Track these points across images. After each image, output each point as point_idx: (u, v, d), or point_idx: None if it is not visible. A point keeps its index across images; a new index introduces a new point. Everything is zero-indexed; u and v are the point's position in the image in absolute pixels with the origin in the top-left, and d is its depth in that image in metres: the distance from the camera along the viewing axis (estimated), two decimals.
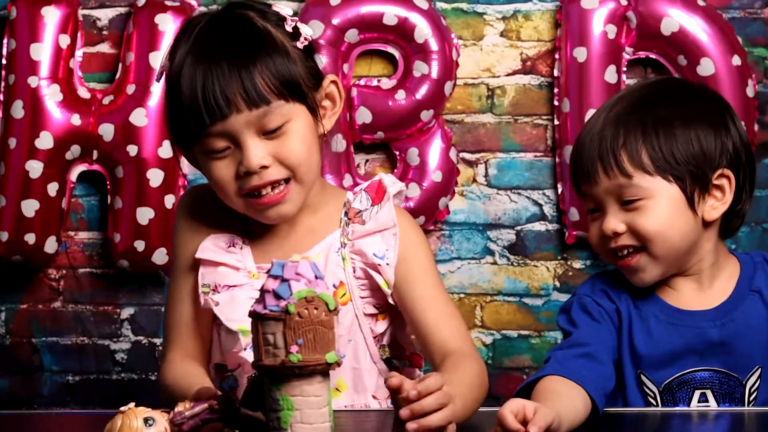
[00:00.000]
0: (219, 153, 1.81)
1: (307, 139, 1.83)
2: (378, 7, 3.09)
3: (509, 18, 3.19)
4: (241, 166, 1.80)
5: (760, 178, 3.17)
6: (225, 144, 1.80)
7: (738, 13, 3.18)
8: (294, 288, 1.44)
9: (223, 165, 1.81)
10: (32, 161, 3.08)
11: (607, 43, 3.09)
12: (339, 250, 1.88)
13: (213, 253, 1.87)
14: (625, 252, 1.85)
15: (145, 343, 3.23)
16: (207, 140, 1.80)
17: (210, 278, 1.87)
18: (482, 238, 3.21)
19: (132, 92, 3.10)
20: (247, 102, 1.78)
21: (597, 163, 1.85)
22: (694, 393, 1.85)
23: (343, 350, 1.86)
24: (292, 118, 1.81)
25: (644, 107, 1.88)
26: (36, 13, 3.10)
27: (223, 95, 1.77)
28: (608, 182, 1.84)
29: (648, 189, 1.83)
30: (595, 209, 1.88)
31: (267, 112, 1.79)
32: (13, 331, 3.23)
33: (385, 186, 1.92)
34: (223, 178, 1.82)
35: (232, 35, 1.82)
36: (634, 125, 1.85)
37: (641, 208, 1.83)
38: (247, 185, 1.81)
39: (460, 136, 3.20)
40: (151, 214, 3.09)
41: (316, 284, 1.46)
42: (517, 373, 3.19)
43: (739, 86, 3.08)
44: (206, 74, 1.78)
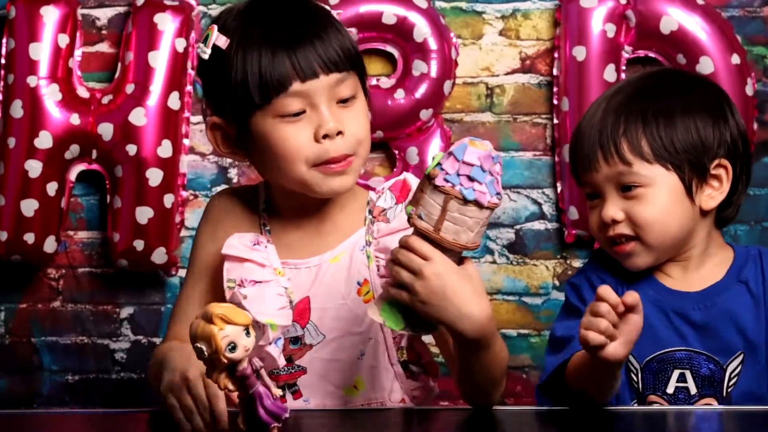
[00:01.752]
0: (295, 116, 1.81)
1: (368, 116, 1.88)
2: (377, 6, 3.09)
3: (508, 17, 3.19)
4: (320, 129, 1.81)
5: (760, 177, 3.17)
6: (302, 106, 1.81)
7: (737, 11, 3.18)
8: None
9: (298, 129, 1.82)
10: (31, 161, 3.08)
11: (606, 41, 3.09)
12: (364, 248, 1.90)
13: (239, 250, 1.89)
14: (622, 240, 1.90)
15: (144, 342, 3.23)
16: (283, 102, 1.80)
17: (236, 273, 1.87)
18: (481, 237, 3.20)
19: (131, 92, 3.09)
20: (329, 66, 1.81)
21: (598, 151, 1.89)
22: (673, 372, 1.88)
23: (363, 348, 1.87)
24: (358, 92, 1.86)
25: (645, 97, 1.92)
26: (35, 12, 3.10)
27: (306, 58, 1.80)
28: (608, 170, 1.88)
29: (647, 177, 1.88)
30: (595, 197, 1.92)
31: (343, 80, 1.83)
32: (12, 330, 3.23)
33: (410, 185, 1.94)
34: (298, 142, 1.82)
35: (298, 10, 1.86)
36: (635, 114, 1.89)
37: (640, 196, 1.88)
38: (325, 154, 1.82)
39: (460, 135, 3.20)
40: (150, 214, 3.09)
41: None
42: (517, 372, 3.19)
43: (738, 85, 3.08)
44: (285, 42, 1.80)
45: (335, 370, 1.88)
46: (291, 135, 1.82)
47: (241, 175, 3.20)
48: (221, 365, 1.48)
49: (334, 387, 1.88)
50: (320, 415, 1.84)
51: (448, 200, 1.63)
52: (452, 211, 1.63)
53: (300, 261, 1.90)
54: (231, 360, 1.47)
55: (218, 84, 1.85)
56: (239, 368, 1.49)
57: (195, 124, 3.17)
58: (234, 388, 1.50)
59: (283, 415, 1.52)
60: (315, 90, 1.81)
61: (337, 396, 1.89)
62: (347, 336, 1.88)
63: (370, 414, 1.86)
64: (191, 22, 3.13)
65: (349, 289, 1.88)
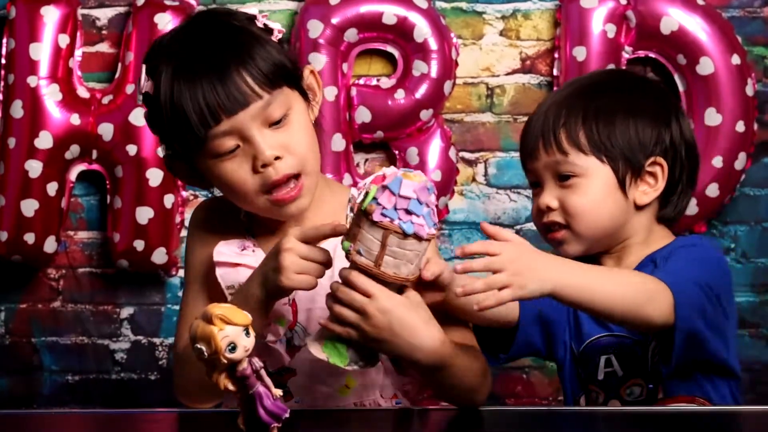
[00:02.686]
0: (229, 153, 1.80)
1: (309, 128, 1.85)
2: (377, 7, 3.09)
3: (509, 17, 3.19)
4: (256, 161, 1.80)
5: (759, 178, 3.17)
6: (234, 143, 1.79)
7: (737, 12, 3.18)
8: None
9: (236, 165, 1.81)
10: (32, 161, 3.08)
11: (606, 42, 3.09)
12: None
13: (229, 256, 1.88)
14: (555, 227, 1.96)
15: (144, 342, 3.23)
16: (215, 143, 1.79)
17: (231, 278, 1.87)
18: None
19: (131, 92, 3.10)
20: (250, 95, 1.77)
21: (539, 140, 1.96)
22: (600, 359, 1.93)
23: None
24: (292, 107, 1.82)
25: (590, 94, 1.98)
26: (35, 12, 3.10)
27: (226, 92, 1.77)
28: (547, 158, 1.95)
29: (582, 167, 1.93)
30: (536, 185, 1.99)
31: (270, 102, 1.79)
32: (12, 330, 3.23)
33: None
34: (240, 177, 1.81)
35: (214, 38, 1.81)
36: (578, 108, 1.96)
37: (574, 186, 1.94)
38: (267, 181, 1.80)
39: (460, 136, 3.20)
40: (150, 214, 3.09)
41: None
42: (517, 373, 3.19)
43: (739, 85, 3.08)
44: (203, 78, 1.77)
45: (325, 371, 1.87)
46: (231, 172, 1.81)
47: None
48: (221, 366, 1.48)
49: (325, 387, 1.88)
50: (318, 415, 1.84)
51: (387, 235, 1.62)
52: (392, 245, 1.62)
53: None
54: (231, 360, 1.47)
55: (156, 126, 1.86)
56: (239, 368, 1.49)
57: None
58: (234, 389, 1.50)
59: (283, 416, 1.52)
60: (242, 123, 1.78)
61: (328, 396, 1.89)
62: None
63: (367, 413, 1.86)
64: None
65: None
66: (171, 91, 1.79)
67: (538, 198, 1.98)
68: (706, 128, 3.09)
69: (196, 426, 1.80)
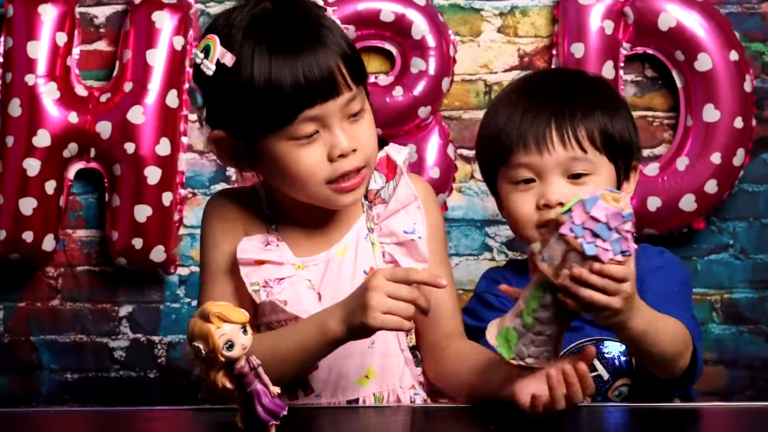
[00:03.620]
0: (308, 138, 1.80)
1: (374, 125, 1.88)
2: (375, 4, 3.09)
3: (506, 14, 3.19)
4: (333, 150, 1.81)
5: (758, 174, 3.17)
6: (314, 128, 1.80)
7: (735, 8, 3.18)
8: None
9: (311, 151, 1.81)
10: (30, 159, 3.08)
11: (604, 38, 3.09)
12: (367, 236, 1.91)
13: (253, 252, 1.87)
14: None
15: (143, 340, 3.23)
16: (300, 126, 1.79)
17: (257, 276, 1.86)
18: (480, 234, 3.21)
19: (129, 90, 3.09)
20: (343, 85, 1.80)
21: (553, 134, 1.92)
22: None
23: (373, 337, 1.87)
24: (365, 103, 1.86)
25: (591, 89, 1.99)
26: (33, 10, 3.09)
27: (323, 78, 1.78)
28: (563, 153, 1.92)
29: (595, 165, 1.93)
30: (530, 180, 1.94)
31: (355, 96, 1.82)
32: (11, 329, 3.23)
33: (394, 159, 1.95)
34: (312, 164, 1.81)
35: (307, 24, 1.82)
36: (587, 103, 1.94)
37: (586, 183, 1.92)
38: (338, 171, 1.81)
39: (458, 133, 3.20)
40: (148, 212, 3.09)
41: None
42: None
43: (737, 81, 3.08)
44: (303, 60, 1.78)
45: (346, 362, 1.88)
46: (305, 157, 1.81)
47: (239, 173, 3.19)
48: (219, 363, 1.48)
49: (345, 379, 1.89)
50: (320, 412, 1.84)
51: (568, 251, 1.61)
52: (572, 261, 1.61)
53: (308, 258, 1.90)
54: (228, 358, 1.47)
55: (225, 102, 1.82)
56: (237, 366, 1.49)
57: (193, 122, 3.17)
58: (232, 387, 1.50)
59: (281, 413, 1.52)
60: (330, 112, 1.80)
61: (349, 387, 1.89)
62: None
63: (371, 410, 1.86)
64: (189, 20, 3.13)
65: (357, 279, 1.89)
66: (268, 67, 1.78)
67: (535, 192, 1.94)
68: (704, 124, 3.08)
69: (195, 424, 1.80)
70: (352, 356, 1.88)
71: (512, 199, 1.96)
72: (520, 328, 1.68)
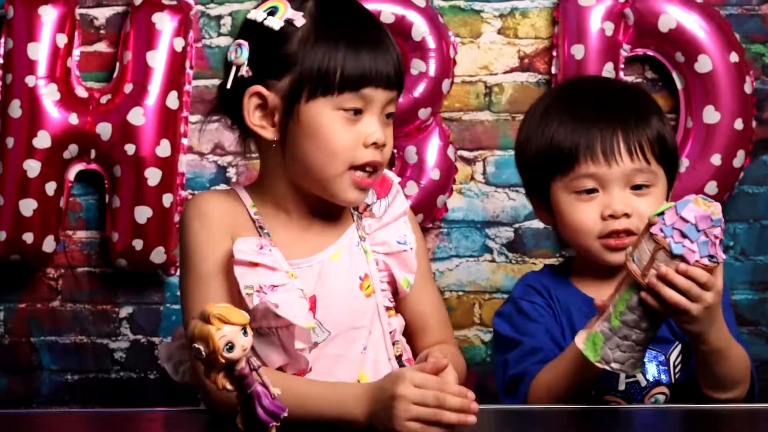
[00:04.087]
0: (352, 113, 1.82)
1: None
2: (375, 5, 3.09)
3: (507, 15, 3.19)
4: (368, 137, 1.83)
5: (758, 176, 3.17)
6: (361, 106, 1.82)
7: (736, 9, 3.18)
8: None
9: (348, 127, 1.83)
10: (30, 160, 3.08)
11: (604, 40, 3.09)
12: (359, 244, 1.91)
13: (249, 254, 1.84)
14: (622, 234, 1.94)
15: (143, 342, 3.23)
16: (351, 97, 1.82)
17: (250, 279, 1.83)
18: (480, 235, 3.21)
19: (129, 91, 3.09)
20: (394, 80, 1.85)
21: (621, 145, 1.94)
22: (620, 374, 1.92)
23: (365, 342, 1.88)
24: (395, 110, 1.89)
25: (644, 99, 2.01)
26: (33, 12, 3.10)
27: (387, 65, 1.83)
28: (629, 165, 1.93)
29: (656, 176, 1.95)
30: (593, 190, 1.94)
31: (395, 99, 1.86)
32: (11, 330, 3.23)
33: (391, 179, 1.97)
34: (344, 139, 1.82)
35: (371, 18, 1.90)
36: (647, 113, 1.96)
37: (646, 195, 1.94)
38: (364, 158, 1.83)
39: (458, 134, 3.20)
40: (149, 213, 3.09)
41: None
42: None
43: (737, 83, 3.08)
44: (369, 42, 1.84)
45: (340, 366, 1.88)
46: (343, 132, 1.83)
47: (239, 174, 3.20)
48: (219, 365, 1.48)
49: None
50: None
51: (657, 249, 1.68)
52: (659, 260, 1.68)
53: (302, 260, 1.89)
54: (229, 360, 1.47)
55: (279, 59, 1.83)
56: (237, 368, 1.49)
57: (193, 123, 3.17)
58: (232, 388, 1.50)
59: (282, 414, 1.52)
60: (378, 98, 1.83)
61: None
62: (351, 330, 1.88)
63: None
64: (189, 22, 3.13)
65: (352, 284, 1.89)
66: (331, 38, 1.82)
67: (599, 203, 1.95)
68: (704, 126, 3.09)
69: (195, 425, 1.80)
70: (346, 360, 1.89)
71: (574, 209, 1.97)
72: (607, 332, 1.72)
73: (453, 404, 1.65)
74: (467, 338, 3.19)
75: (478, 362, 3.11)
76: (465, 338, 3.19)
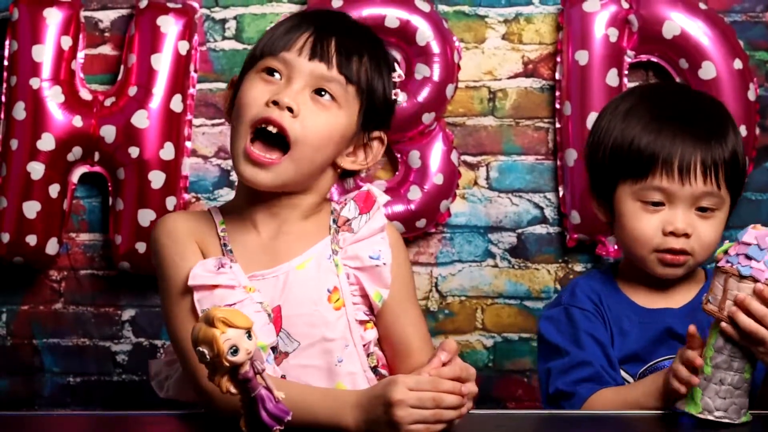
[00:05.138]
0: (269, 74, 1.88)
1: (332, 132, 1.88)
2: (380, 10, 3.09)
3: (511, 21, 3.20)
4: (274, 96, 1.85)
5: (762, 182, 3.17)
6: (279, 68, 1.87)
7: (739, 16, 3.18)
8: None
9: (263, 86, 1.87)
10: (34, 163, 3.08)
11: (608, 46, 3.09)
12: (330, 257, 1.91)
13: (205, 278, 1.85)
14: (680, 252, 1.96)
15: (146, 344, 3.23)
16: (269, 60, 1.88)
17: (208, 302, 1.84)
18: (483, 240, 3.21)
19: (134, 94, 3.10)
20: (330, 59, 1.86)
21: (698, 166, 1.94)
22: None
23: (341, 355, 1.88)
24: (341, 106, 1.88)
25: (726, 119, 2.01)
26: (38, 14, 3.10)
27: (323, 42, 1.87)
28: (701, 187, 1.94)
29: (723, 201, 1.97)
30: (658, 203, 1.95)
31: (333, 79, 1.87)
32: (14, 332, 3.23)
33: (375, 196, 1.97)
34: (255, 95, 1.87)
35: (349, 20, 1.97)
36: (727, 134, 1.97)
37: (710, 218, 1.97)
38: (265, 113, 1.85)
39: (462, 139, 3.20)
40: (152, 216, 3.09)
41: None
42: (517, 376, 3.19)
43: (741, 90, 3.08)
44: (324, 22, 1.91)
45: (314, 377, 1.88)
46: (254, 89, 1.87)
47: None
48: (223, 369, 1.48)
49: None
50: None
51: (727, 279, 1.72)
52: (732, 289, 1.71)
53: (267, 271, 1.89)
54: (233, 363, 1.47)
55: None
56: (241, 371, 1.49)
57: (197, 126, 3.17)
58: (236, 392, 1.50)
59: (286, 418, 1.52)
60: (298, 65, 1.86)
61: None
62: (322, 342, 1.88)
63: None
64: (194, 25, 3.13)
65: (319, 296, 1.89)
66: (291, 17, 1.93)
67: (662, 217, 1.96)
68: None
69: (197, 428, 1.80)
70: (319, 371, 1.89)
71: (638, 218, 1.97)
72: (703, 381, 1.75)
73: (450, 402, 1.66)
74: (469, 343, 3.19)
75: (480, 368, 3.11)
76: (467, 343, 3.19)
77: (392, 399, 1.66)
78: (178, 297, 1.88)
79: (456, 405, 1.66)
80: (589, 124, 3.06)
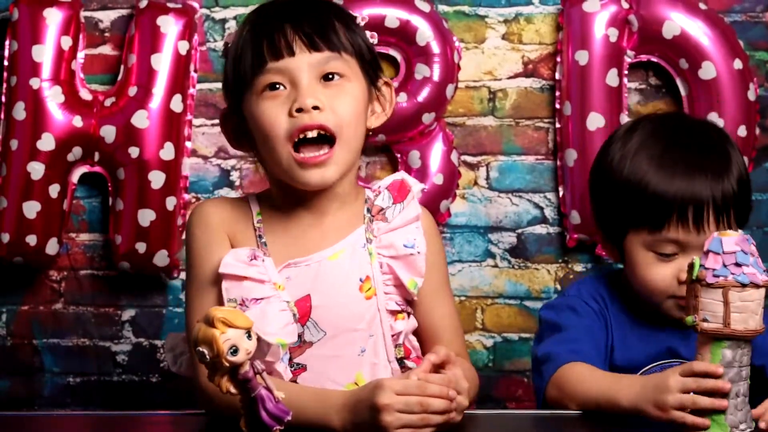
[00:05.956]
0: (272, 90, 1.85)
1: (359, 105, 1.89)
2: (380, 10, 3.09)
3: (511, 21, 3.20)
4: (294, 103, 1.83)
5: (761, 182, 3.17)
6: (279, 80, 1.84)
7: (739, 16, 3.18)
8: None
9: (275, 104, 1.85)
10: (34, 163, 3.08)
11: (608, 46, 3.09)
12: (365, 246, 1.91)
13: (236, 268, 1.86)
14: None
15: (146, 345, 3.23)
16: (262, 78, 1.85)
17: (235, 292, 1.85)
18: (483, 240, 3.21)
19: (134, 94, 3.10)
20: (310, 45, 1.85)
21: (710, 217, 1.92)
22: None
23: (364, 345, 1.88)
24: (351, 78, 1.88)
25: (736, 157, 2.00)
26: (38, 14, 3.10)
27: (287, 37, 1.84)
28: (715, 231, 1.88)
29: None
30: (672, 254, 1.92)
31: (330, 59, 1.85)
32: (14, 332, 3.23)
33: (409, 185, 1.96)
34: (274, 116, 1.84)
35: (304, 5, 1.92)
36: (737, 178, 1.97)
37: None
38: (298, 123, 1.83)
39: (462, 139, 3.20)
40: (152, 216, 3.09)
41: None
42: (517, 376, 3.19)
43: (741, 90, 3.08)
44: (266, 22, 1.87)
45: (336, 367, 1.88)
46: (268, 109, 1.85)
47: (243, 178, 3.20)
48: (223, 369, 1.48)
49: (334, 384, 1.88)
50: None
51: (726, 292, 1.68)
52: (734, 301, 1.68)
53: (300, 259, 1.90)
54: (233, 363, 1.47)
55: (225, 75, 1.92)
56: (241, 371, 1.49)
57: (197, 126, 3.17)
58: (236, 392, 1.50)
59: (286, 418, 1.52)
60: (293, 66, 1.84)
61: None
62: (348, 332, 1.89)
63: None
64: (194, 25, 3.13)
65: (350, 286, 1.89)
66: (237, 35, 1.89)
67: (676, 266, 1.92)
68: None
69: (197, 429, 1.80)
70: (342, 361, 1.89)
71: (651, 268, 1.94)
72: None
73: (437, 407, 1.65)
74: (469, 343, 3.19)
75: (480, 368, 3.11)
76: (467, 343, 3.18)
77: (379, 403, 1.65)
78: (200, 288, 1.90)
79: (444, 410, 1.66)
80: (589, 124, 3.06)
